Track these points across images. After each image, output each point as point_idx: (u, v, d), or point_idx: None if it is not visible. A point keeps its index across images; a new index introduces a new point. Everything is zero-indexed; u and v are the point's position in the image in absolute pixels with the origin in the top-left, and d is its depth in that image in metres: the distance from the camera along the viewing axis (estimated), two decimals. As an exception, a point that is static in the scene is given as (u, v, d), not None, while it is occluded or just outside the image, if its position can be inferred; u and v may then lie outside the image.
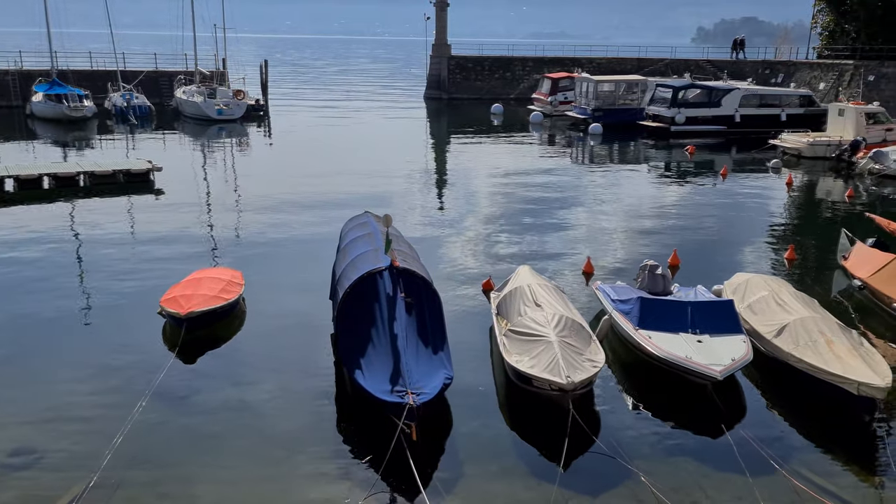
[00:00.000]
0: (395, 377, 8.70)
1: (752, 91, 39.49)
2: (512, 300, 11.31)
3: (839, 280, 15.32)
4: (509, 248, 17.36)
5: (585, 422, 8.91)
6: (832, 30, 49.35)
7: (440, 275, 14.67)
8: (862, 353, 9.73)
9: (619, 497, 7.92)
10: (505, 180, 25.78)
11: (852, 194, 24.03)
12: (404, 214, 20.08)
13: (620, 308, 11.46)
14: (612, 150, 34.93)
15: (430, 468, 8.29)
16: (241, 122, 41.35)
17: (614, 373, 10.87)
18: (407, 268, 9.83)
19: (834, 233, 17.01)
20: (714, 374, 9.43)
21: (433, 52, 56.77)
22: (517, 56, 58.69)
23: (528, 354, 9.57)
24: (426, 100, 56.58)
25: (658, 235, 18.71)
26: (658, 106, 38.99)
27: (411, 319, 9.47)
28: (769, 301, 11.44)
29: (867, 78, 41.13)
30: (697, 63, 56.59)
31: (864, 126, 30.67)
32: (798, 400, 10.00)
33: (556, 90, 46.42)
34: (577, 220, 20.23)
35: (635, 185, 26.14)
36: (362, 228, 12.04)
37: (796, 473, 8.27)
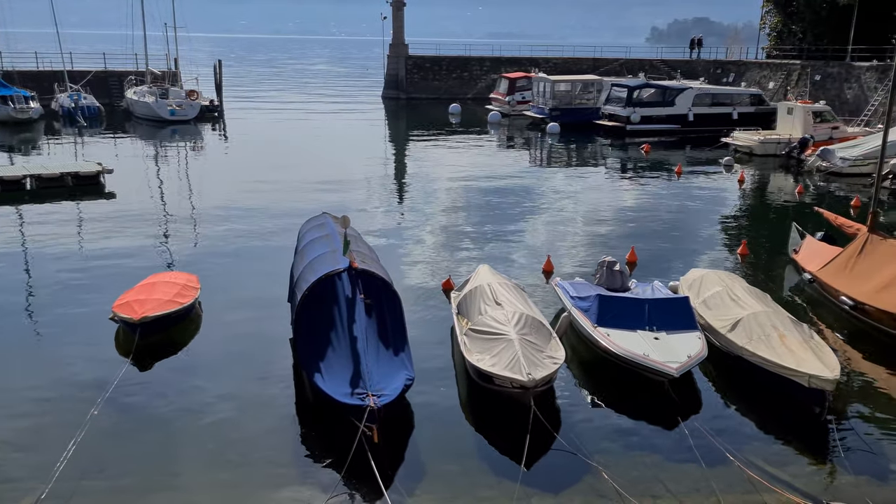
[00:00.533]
0: (356, 379, 8.63)
1: (704, 90, 40.31)
2: (472, 299, 11.33)
3: (790, 274, 15.72)
4: (469, 247, 17.39)
5: (547, 418, 8.96)
6: (780, 30, 50.70)
7: (400, 275, 14.62)
8: (813, 346, 9.99)
9: (580, 492, 7.99)
10: (464, 180, 25.83)
11: (802, 190, 24.68)
12: (363, 215, 19.96)
13: (579, 305, 11.57)
14: (569, 149, 35.27)
15: (392, 469, 8.25)
16: (195, 123, 40.64)
17: (574, 369, 10.96)
18: (366, 269, 9.77)
19: (785, 228, 17.44)
20: (671, 371, 9.59)
21: (390, 52, 56.62)
22: (474, 56, 58.91)
23: (489, 353, 9.59)
24: (384, 100, 56.41)
25: (616, 232, 18.95)
26: (614, 105, 39.52)
27: (371, 321, 9.41)
28: (723, 296, 11.67)
29: (814, 77, 42.32)
30: (652, 63, 57.54)
31: (811, 124, 31.53)
32: (752, 393, 10.22)
33: (513, 90, 46.71)
34: (536, 219, 20.37)
35: (593, 183, 26.44)
36: (320, 230, 11.92)
37: (750, 464, 8.45)
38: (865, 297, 12.40)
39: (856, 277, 13.08)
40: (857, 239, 13.90)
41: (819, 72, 42.27)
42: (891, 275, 12.41)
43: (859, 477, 8.30)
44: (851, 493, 7.98)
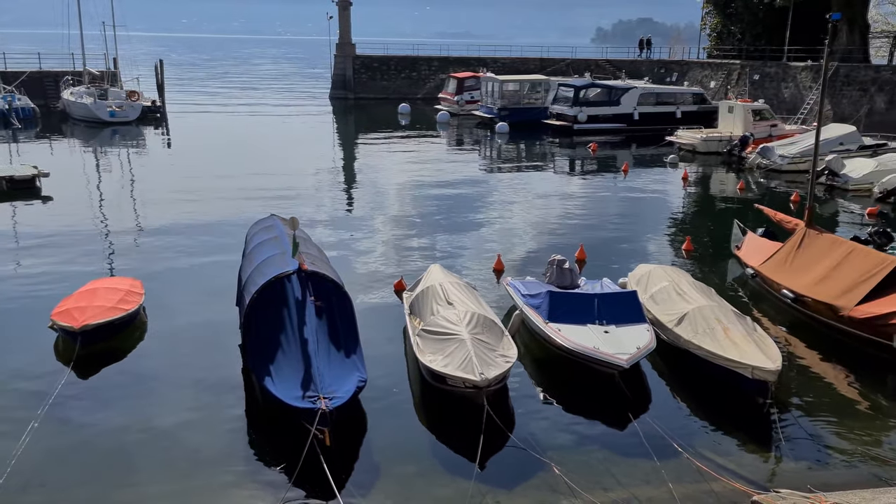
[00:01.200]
0: (307, 383, 8.52)
1: (649, 90, 41.12)
2: (424, 299, 11.31)
3: (733, 269, 16.15)
4: (420, 247, 17.37)
5: (500, 417, 9.00)
6: (720, 31, 52.05)
7: (351, 277, 14.49)
8: (755, 338, 10.28)
9: (533, 488, 8.06)
10: (414, 180, 25.79)
11: (743, 187, 25.39)
12: (312, 217, 19.75)
13: (530, 303, 11.66)
14: (518, 149, 35.56)
15: (345, 473, 8.18)
16: (137, 125, 39.58)
17: (527, 367, 11.04)
18: (316, 270, 9.65)
19: (727, 224, 17.89)
20: (621, 362, 9.74)
21: (337, 52, 56.14)
22: (423, 56, 58.88)
23: (441, 353, 9.58)
24: (332, 100, 55.90)
25: (565, 230, 19.18)
26: (561, 105, 40.00)
27: (322, 323, 9.31)
28: (670, 291, 11.92)
29: (752, 77, 43.59)
30: (597, 63, 58.42)
31: (751, 122, 32.47)
32: (698, 385, 10.46)
33: (462, 90, 46.86)
34: (486, 218, 20.46)
35: (542, 182, 26.71)
36: (268, 232, 11.74)
37: (699, 455, 8.64)
38: (805, 289, 12.82)
39: (795, 271, 13.51)
40: (795, 234, 14.35)
41: (757, 71, 43.56)
42: (828, 267, 12.86)
43: (800, 463, 8.58)
44: (794, 479, 8.23)
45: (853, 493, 7.73)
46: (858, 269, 12.26)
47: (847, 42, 39.54)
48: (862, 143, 28.90)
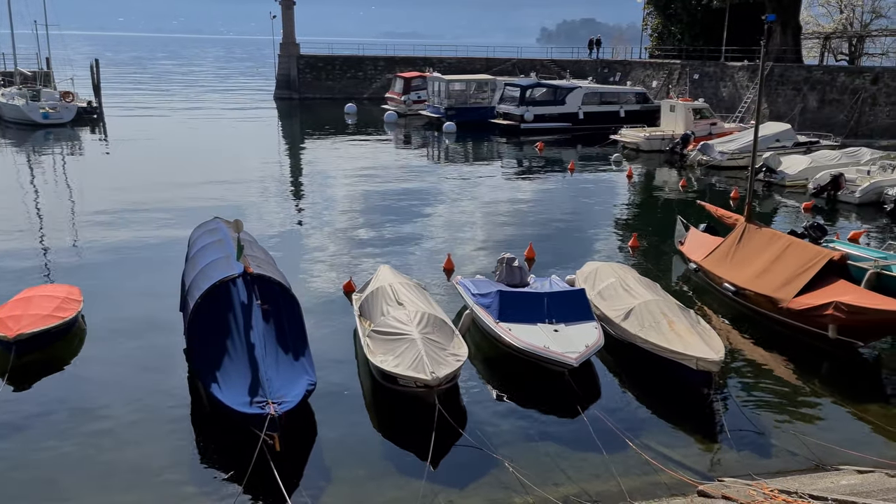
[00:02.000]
0: (255, 388, 8.36)
1: (593, 89, 41.76)
2: (374, 300, 11.24)
3: (677, 264, 16.51)
4: (369, 248, 17.25)
5: (451, 416, 9.00)
6: (660, 32, 53.21)
7: (299, 279, 14.31)
8: (699, 330, 10.54)
9: (485, 485, 8.08)
10: (362, 180, 25.62)
11: (685, 184, 26.00)
12: (258, 219, 19.43)
13: (481, 302, 11.70)
14: (466, 148, 35.68)
15: (296, 477, 8.06)
16: (72, 127, 38.30)
17: (478, 365, 11.07)
18: (262, 273, 9.49)
19: (671, 220, 18.28)
20: (570, 361, 9.85)
21: (281, 52, 55.40)
22: (369, 55, 58.57)
23: (392, 353, 9.53)
24: (276, 100, 55.14)
25: (514, 229, 19.31)
26: (508, 104, 40.31)
27: (269, 327, 9.15)
28: (616, 287, 12.12)
29: (692, 76, 44.70)
30: (542, 63, 59.05)
31: (692, 121, 33.29)
32: (646, 378, 10.66)
33: (408, 89, 46.78)
34: (436, 218, 20.46)
35: (490, 181, 26.85)
36: (212, 235, 11.48)
37: (646, 447, 8.80)
38: (745, 282, 13.19)
39: (736, 265, 13.89)
40: (735, 229, 14.75)
41: (697, 71, 44.68)
42: (767, 261, 13.26)
43: (743, 451, 8.81)
44: (737, 467, 8.46)
45: (793, 479, 7.98)
46: (795, 262, 12.67)
47: (781, 43, 40.88)
48: (796, 140, 29.94)
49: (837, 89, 34.70)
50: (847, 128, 32.78)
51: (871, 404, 10.10)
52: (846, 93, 34.13)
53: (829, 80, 35.34)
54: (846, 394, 10.36)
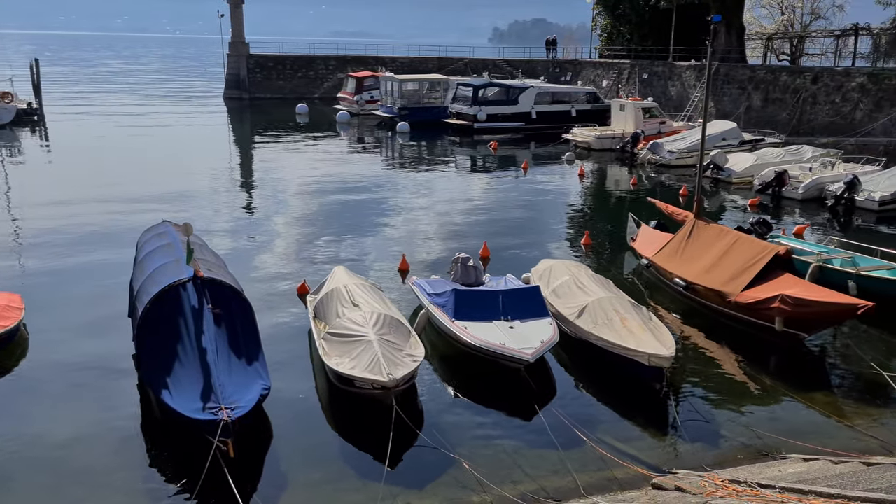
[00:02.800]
0: (207, 393, 8.19)
1: (545, 89, 42.14)
2: (329, 302, 11.14)
3: (629, 260, 16.78)
4: (323, 249, 17.09)
5: (409, 416, 8.97)
6: (610, 32, 53.99)
7: (251, 282, 14.09)
8: (651, 327, 10.72)
9: (443, 485, 8.08)
10: (315, 181, 25.37)
11: (636, 182, 26.44)
12: (209, 222, 19.07)
13: (436, 301, 11.69)
14: (420, 148, 35.65)
15: (251, 484, 7.93)
16: (10, 128, 36.99)
17: (434, 365, 11.07)
18: (213, 277, 9.31)
19: (623, 218, 18.57)
20: (526, 357, 9.92)
21: (230, 51, 54.47)
22: (320, 55, 58.05)
23: (348, 356, 9.46)
24: (226, 100, 54.20)
25: (469, 228, 19.36)
26: (461, 104, 40.41)
27: (221, 331, 8.98)
28: (570, 285, 12.25)
29: (641, 76, 45.50)
30: (495, 62, 59.38)
31: (641, 120, 33.88)
32: (600, 375, 10.79)
33: (361, 89, 46.53)
34: (390, 218, 20.38)
35: (445, 181, 26.88)
36: (161, 239, 11.22)
37: (602, 442, 8.92)
38: (695, 277, 13.47)
39: (686, 260, 14.18)
40: (685, 225, 15.06)
41: (646, 71, 45.49)
42: (715, 256, 13.56)
43: (696, 444, 9.00)
44: (690, 459, 8.64)
45: (743, 469, 8.18)
46: (743, 257, 12.99)
47: (726, 43, 41.89)
48: (742, 138, 30.72)
49: (780, 88, 35.74)
50: (790, 126, 33.78)
51: (815, 394, 10.42)
52: (788, 92, 35.18)
53: (772, 80, 36.36)
54: (792, 384, 10.66)
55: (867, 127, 30.40)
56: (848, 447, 8.87)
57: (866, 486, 6.47)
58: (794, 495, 6.19)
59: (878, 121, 30.11)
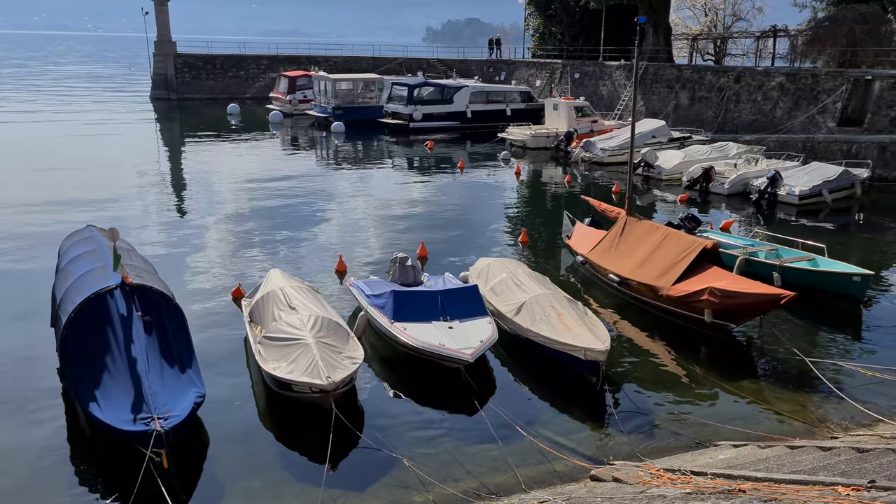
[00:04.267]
0: (138, 404, 7.93)
1: (479, 88, 42.42)
2: (265, 305, 10.94)
3: (565, 257, 17.05)
4: (258, 252, 16.77)
5: (349, 419, 8.89)
6: (542, 32, 54.73)
7: (183, 288, 13.72)
8: (587, 321, 10.92)
9: (385, 486, 8.05)
10: (249, 183, 24.87)
11: (570, 180, 26.89)
12: (136, 227, 18.48)
13: (375, 303, 11.62)
14: (356, 148, 35.39)
15: (187, 495, 7.72)
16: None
17: (374, 367, 11.00)
18: (142, 283, 9.01)
19: (558, 215, 18.86)
20: (465, 357, 9.97)
21: (156, 50, 52.82)
22: (251, 54, 56.92)
23: (285, 360, 9.31)
24: (153, 101, 52.54)
25: (406, 228, 19.31)
26: (396, 104, 40.30)
27: (152, 339, 8.70)
28: (508, 282, 12.36)
29: (573, 75, 46.29)
30: (429, 62, 59.44)
31: (574, 119, 34.49)
32: (538, 370, 10.93)
33: (294, 89, 45.88)
34: (326, 219, 20.16)
35: (381, 181, 26.75)
36: (85, 244, 10.81)
37: (541, 436, 9.04)
38: (628, 272, 13.79)
39: (619, 256, 14.50)
40: (618, 222, 15.40)
41: (577, 70, 46.32)
42: (647, 251, 13.91)
43: (632, 435, 9.21)
44: (626, 450, 8.84)
45: (677, 458, 8.42)
46: (673, 252, 13.37)
47: (653, 43, 43.01)
48: (671, 135, 31.62)
49: (706, 87, 36.93)
50: (715, 124, 34.93)
51: (743, 381, 10.81)
52: (713, 90, 36.38)
53: (698, 79, 37.55)
54: (722, 373, 11.03)
55: (787, 124, 31.73)
56: (775, 431, 9.25)
57: (791, 468, 6.75)
58: (725, 480, 6.40)
59: (797, 119, 31.48)
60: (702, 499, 5.78)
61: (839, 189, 22.86)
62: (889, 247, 18.80)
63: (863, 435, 8.86)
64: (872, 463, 6.36)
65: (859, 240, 19.46)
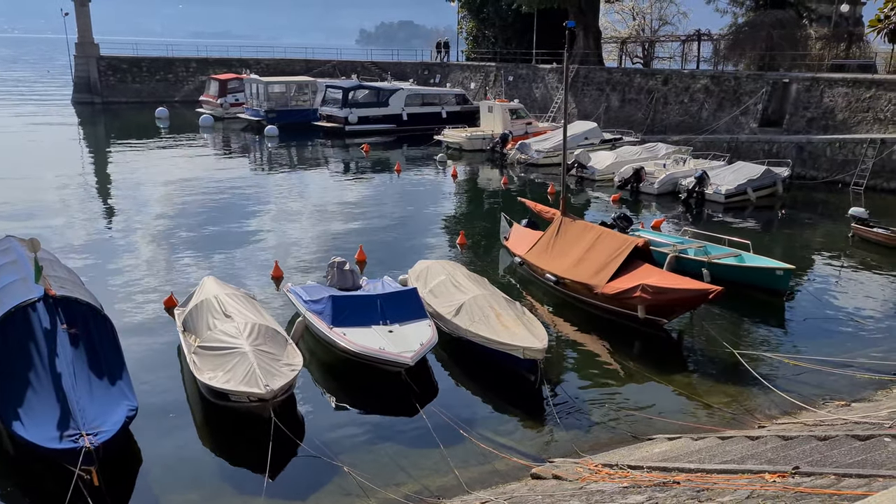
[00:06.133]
0: (65, 420, 7.62)
1: (414, 91, 42.49)
2: (199, 314, 10.68)
3: (503, 258, 17.22)
4: (191, 260, 16.35)
5: (289, 427, 8.76)
6: (475, 35, 55.19)
7: (112, 298, 13.27)
8: (525, 321, 11.06)
9: (326, 493, 7.98)
10: (179, 188, 24.21)
11: (506, 181, 27.18)
12: (60, 236, 17.76)
13: (313, 308, 11.49)
14: (290, 152, 34.89)
15: (120, 513, 7.46)
16: None
17: (313, 373, 10.87)
18: (66, 295, 8.67)
19: (496, 217, 19.01)
20: (406, 360, 9.95)
21: (77, 52, 50.83)
22: (179, 57, 55.49)
23: (221, 369, 9.11)
24: (75, 105, 50.54)
25: (344, 232, 19.16)
26: (330, 107, 39.94)
27: (79, 352, 8.37)
28: (447, 284, 12.41)
29: (507, 78, 46.84)
30: (363, 64, 59.15)
31: (509, 121, 34.89)
32: (478, 370, 11.01)
33: (224, 92, 44.96)
34: (262, 225, 19.80)
35: (317, 185, 26.45)
36: (4, 256, 10.34)
37: (482, 437, 9.10)
38: (564, 272, 14.03)
39: (555, 256, 14.74)
40: (553, 222, 15.66)
41: (511, 73, 46.87)
42: (582, 250, 14.19)
43: (571, 432, 9.37)
44: (566, 447, 8.98)
45: (615, 452, 8.61)
46: (606, 250, 13.67)
47: (584, 46, 43.91)
48: (603, 137, 32.35)
49: (635, 89, 37.92)
50: (645, 125, 35.91)
51: (676, 375, 11.14)
52: (642, 92, 37.39)
53: (628, 82, 38.52)
54: (656, 368, 11.34)
55: (712, 125, 32.88)
56: (706, 422, 9.57)
57: (721, 458, 6.99)
58: (661, 473, 6.58)
59: (722, 120, 32.66)
60: (639, 492, 5.93)
61: (762, 187, 23.83)
62: (809, 241, 19.70)
63: (787, 423, 9.25)
64: (796, 450, 6.65)
65: (782, 235, 20.32)
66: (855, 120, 27.86)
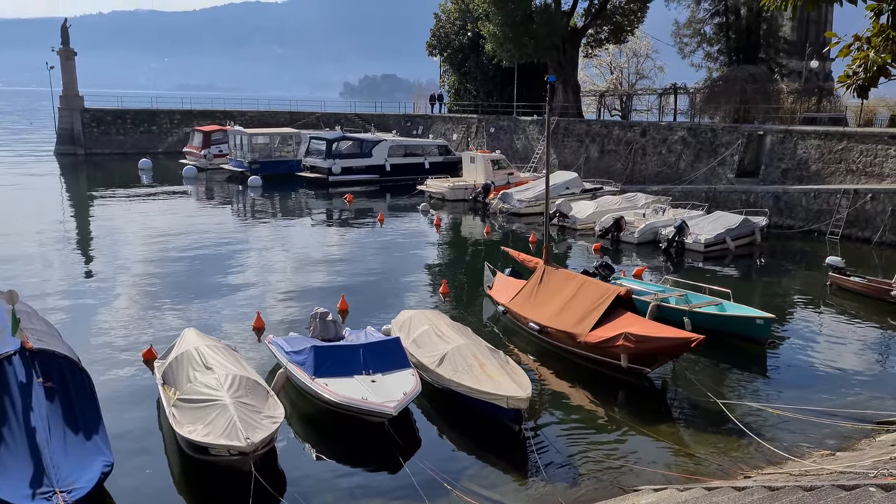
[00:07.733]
0: (38, 477, 7.41)
1: (397, 142, 43.01)
2: (179, 366, 10.53)
3: (487, 307, 17.21)
4: (171, 312, 16.18)
5: (269, 481, 8.58)
6: (457, 88, 56.25)
7: (91, 351, 13.07)
8: (508, 370, 11.02)
9: (309, 553, 7.76)
10: (161, 239, 24.10)
11: (489, 231, 27.36)
12: (38, 288, 17.53)
13: (295, 359, 11.38)
14: (273, 202, 34.97)
15: (93, 574, 7.21)
16: None
17: (294, 425, 10.71)
18: (44, 348, 8.54)
19: (479, 266, 19.08)
20: (389, 410, 9.84)
21: (62, 105, 50.98)
22: (163, 109, 55.88)
23: (201, 422, 8.94)
24: (58, 156, 50.46)
25: (326, 282, 19.10)
26: (314, 157, 40.27)
27: (54, 406, 8.20)
28: (430, 334, 12.37)
29: (489, 130, 47.62)
30: (347, 116, 59.87)
31: (491, 171, 35.32)
32: (462, 421, 10.90)
33: (208, 143, 45.21)
34: (244, 275, 19.70)
35: (300, 235, 26.46)
36: (-18, 307, 10.16)
37: (467, 490, 8.96)
38: (547, 321, 14.04)
39: (538, 305, 14.77)
40: (536, 271, 15.74)
41: (493, 125, 47.69)
42: (565, 299, 14.24)
43: (556, 483, 9.26)
44: (550, 499, 8.86)
45: (601, 504, 8.50)
46: (589, 299, 13.73)
47: (564, 99, 44.87)
48: (584, 186, 32.80)
49: (614, 141, 38.65)
50: (624, 175, 36.51)
51: (660, 425, 11.09)
52: (621, 144, 38.11)
53: (607, 133, 39.29)
54: (640, 418, 11.28)
55: (690, 175, 33.49)
56: (692, 472, 9.48)
57: (709, 508, 6.92)
58: (648, 524, 6.49)
59: (699, 170, 33.29)
60: (626, 544, 5.84)
61: (741, 236, 24.18)
62: (788, 290, 19.92)
63: (773, 473, 9.21)
64: (783, 500, 6.61)
65: (761, 284, 20.54)
66: (828, 171, 28.52)
